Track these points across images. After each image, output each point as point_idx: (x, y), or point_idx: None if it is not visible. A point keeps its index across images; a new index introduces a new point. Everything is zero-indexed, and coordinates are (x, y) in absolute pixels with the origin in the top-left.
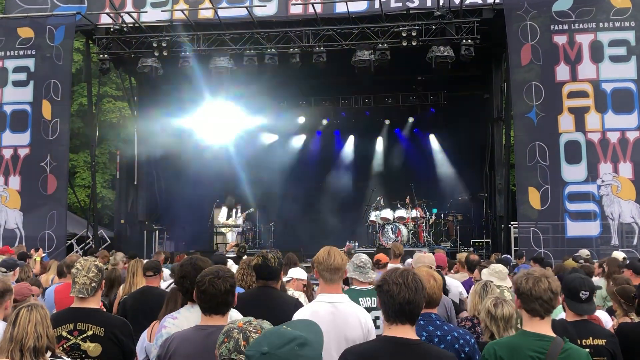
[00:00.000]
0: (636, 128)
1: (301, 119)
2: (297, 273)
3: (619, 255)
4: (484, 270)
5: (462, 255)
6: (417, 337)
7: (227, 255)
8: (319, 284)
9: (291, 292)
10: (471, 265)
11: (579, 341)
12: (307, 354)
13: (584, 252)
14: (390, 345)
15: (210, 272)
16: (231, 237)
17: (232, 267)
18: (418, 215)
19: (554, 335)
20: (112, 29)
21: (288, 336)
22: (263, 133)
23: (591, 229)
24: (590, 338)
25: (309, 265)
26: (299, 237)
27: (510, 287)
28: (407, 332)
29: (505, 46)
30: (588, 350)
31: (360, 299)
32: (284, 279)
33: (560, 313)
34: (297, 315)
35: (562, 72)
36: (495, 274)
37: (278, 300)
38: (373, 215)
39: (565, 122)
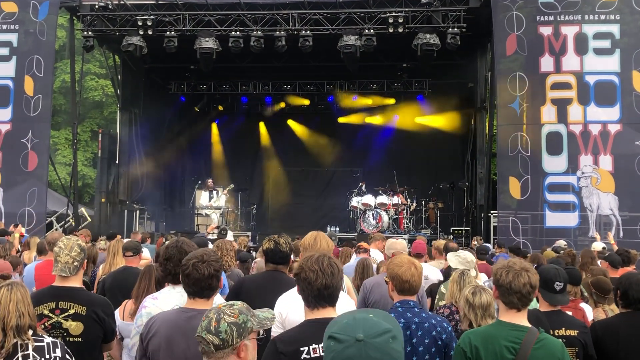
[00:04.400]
0: (618, 121)
1: (285, 103)
2: None
3: (597, 245)
4: (450, 256)
5: (439, 242)
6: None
7: (208, 237)
8: None
9: None
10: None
11: (551, 331)
12: (397, 347)
13: (562, 242)
14: (318, 326)
15: (195, 256)
16: (215, 218)
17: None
18: (399, 202)
19: (529, 325)
20: (96, 6)
21: (383, 327)
22: (246, 115)
23: (570, 219)
24: (563, 329)
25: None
26: (280, 221)
27: (477, 278)
28: (330, 313)
29: (490, 35)
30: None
31: None
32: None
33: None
34: (280, 299)
35: (546, 63)
36: (467, 264)
37: (287, 285)
38: (355, 201)
39: (548, 113)
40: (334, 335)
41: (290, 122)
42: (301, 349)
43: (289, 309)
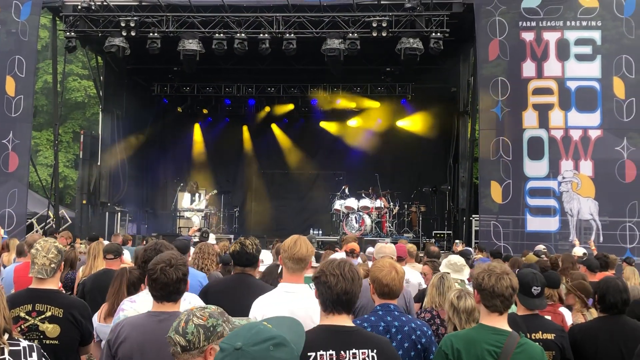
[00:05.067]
0: (598, 127)
1: (268, 106)
2: (264, 256)
3: (578, 251)
4: (442, 262)
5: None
6: (353, 325)
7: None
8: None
9: None
10: (431, 257)
11: (528, 335)
12: (281, 355)
13: (541, 247)
14: (329, 333)
15: (162, 260)
16: (197, 220)
17: None
18: (382, 205)
19: (510, 329)
20: (79, 7)
21: (265, 335)
22: (229, 118)
23: (550, 224)
24: (540, 332)
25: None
26: (263, 224)
27: (463, 280)
28: (344, 320)
29: (473, 41)
30: (537, 344)
31: None
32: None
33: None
34: (255, 304)
35: (528, 68)
36: (451, 266)
37: (255, 288)
38: (337, 204)
39: (529, 118)
40: (220, 345)
41: (274, 126)
42: (309, 354)
43: (264, 314)
